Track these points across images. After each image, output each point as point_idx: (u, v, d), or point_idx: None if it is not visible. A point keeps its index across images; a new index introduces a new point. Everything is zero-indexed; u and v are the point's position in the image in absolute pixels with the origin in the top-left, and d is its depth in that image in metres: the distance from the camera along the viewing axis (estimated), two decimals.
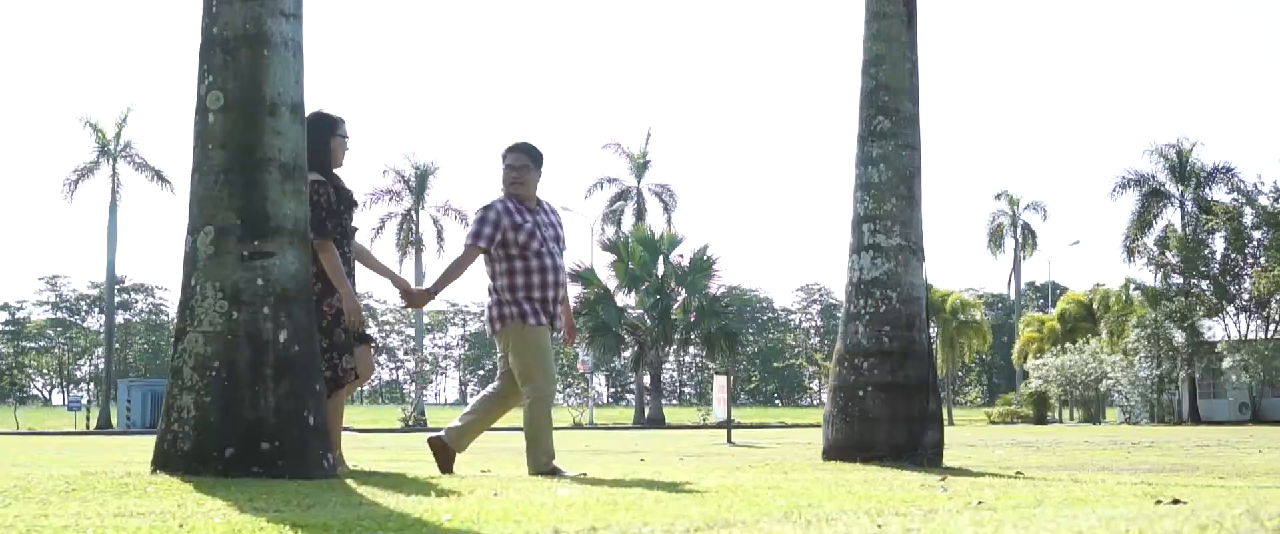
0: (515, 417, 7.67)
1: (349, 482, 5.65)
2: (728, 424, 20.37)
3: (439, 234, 54.38)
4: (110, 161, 49.24)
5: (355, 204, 6.98)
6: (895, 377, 9.31)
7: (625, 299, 50.17)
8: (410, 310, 66.95)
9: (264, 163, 5.92)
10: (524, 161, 7.45)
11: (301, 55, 6.16)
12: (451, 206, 54.48)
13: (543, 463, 7.30)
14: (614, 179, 56.47)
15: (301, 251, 6.04)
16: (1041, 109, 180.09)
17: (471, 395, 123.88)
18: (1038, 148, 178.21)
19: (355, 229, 7.08)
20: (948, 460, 11.70)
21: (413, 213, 54.44)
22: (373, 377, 7.10)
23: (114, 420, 44.26)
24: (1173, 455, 13.72)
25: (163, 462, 5.80)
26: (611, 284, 49.41)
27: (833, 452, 9.39)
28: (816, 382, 62.35)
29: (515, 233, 7.28)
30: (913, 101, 9.67)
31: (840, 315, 9.85)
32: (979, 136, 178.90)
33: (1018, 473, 8.88)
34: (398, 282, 7.46)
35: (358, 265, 7.14)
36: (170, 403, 5.85)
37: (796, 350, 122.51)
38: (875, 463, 8.87)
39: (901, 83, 9.62)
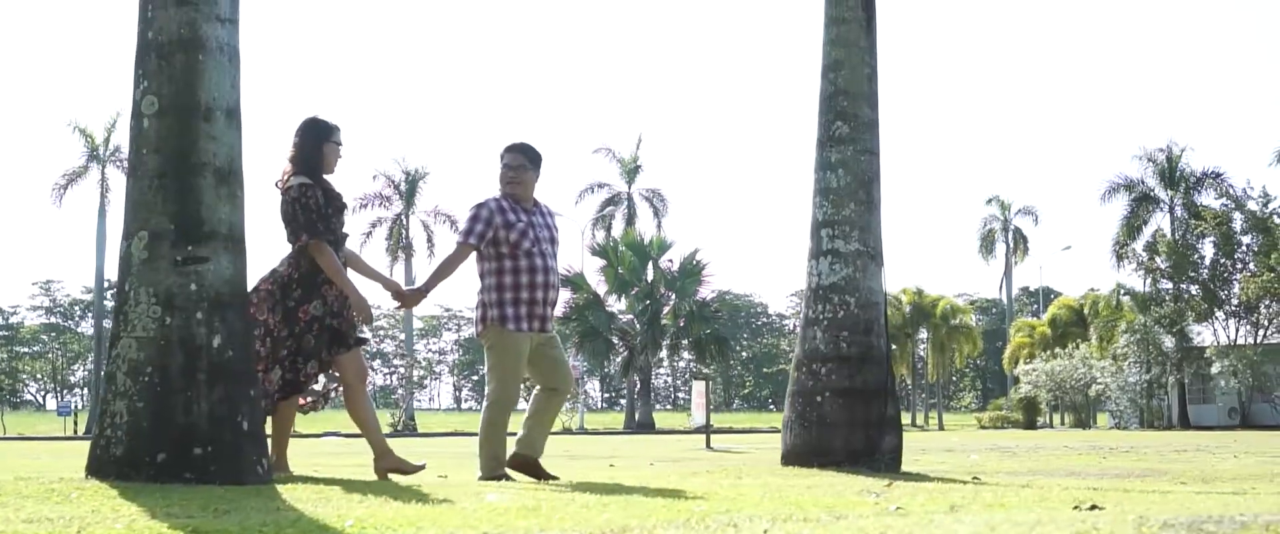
0: (513, 423, 7.62)
1: (279, 488, 5.64)
2: (707, 429, 20.38)
3: (429, 239, 54.39)
4: (99, 166, 49.25)
5: (344, 207, 6.99)
6: (853, 382, 9.31)
7: (615, 304, 50.18)
8: (402, 314, 67.06)
9: (198, 168, 5.92)
10: (521, 161, 7.47)
11: (238, 60, 6.15)
12: (442, 211, 54.51)
13: (489, 468, 7.28)
14: (604, 184, 56.53)
15: (236, 256, 6.03)
16: (1033, 114, 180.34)
17: (466, 400, 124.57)
18: (1030, 153, 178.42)
19: (346, 235, 7.09)
20: (920, 466, 11.71)
21: (403, 218, 54.44)
22: (366, 381, 7.13)
23: None
24: (1147, 461, 13.71)
25: (96, 467, 5.80)
26: (601, 289, 49.42)
27: (792, 457, 9.38)
28: None
29: (507, 231, 7.27)
30: (871, 107, 9.68)
31: (799, 321, 9.85)
32: (971, 141, 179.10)
33: (975, 478, 8.87)
34: (388, 284, 7.43)
35: (349, 271, 7.13)
36: (104, 408, 5.85)
37: (790, 355, 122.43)
38: (832, 468, 8.87)
39: (860, 88, 9.62)
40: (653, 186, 57.30)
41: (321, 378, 6.99)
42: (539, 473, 7.44)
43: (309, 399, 7.04)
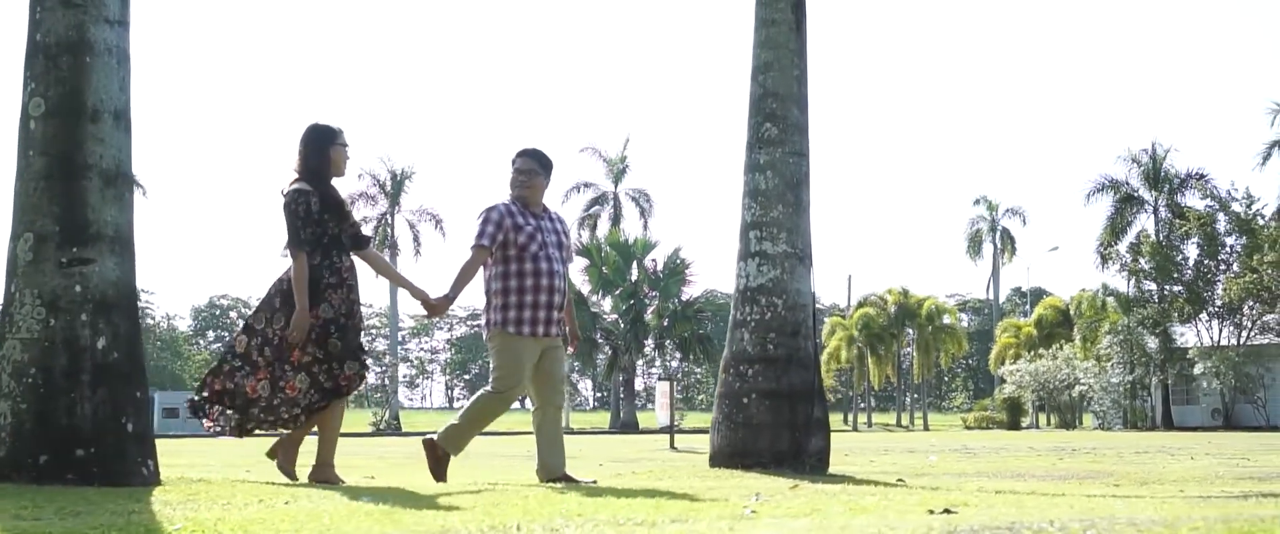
0: (509, 423, 7.64)
1: (158, 490, 5.64)
2: (671, 430, 20.45)
3: (415, 238, 54.41)
4: None
5: (346, 214, 6.94)
6: (779, 384, 9.31)
7: (600, 304, 50.20)
8: (390, 314, 67.00)
9: (84, 169, 5.92)
10: (532, 166, 7.53)
11: (128, 62, 6.15)
12: (428, 211, 54.51)
13: (447, 441, 7.41)
14: (591, 184, 56.50)
15: (124, 259, 6.04)
16: (1022, 115, 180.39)
17: (458, 400, 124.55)
18: (1018, 154, 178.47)
19: (368, 237, 7.08)
20: (858, 467, 11.73)
21: (389, 217, 54.44)
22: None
23: None
24: (1102, 463, 13.74)
25: None
26: (585, 289, 49.43)
27: (719, 458, 9.38)
28: None
29: (515, 235, 7.29)
30: (800, 108, 9.68)
31: (728, 322, 9.86)
32: (959, 142, 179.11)
33: (899, 480, 8.87)
34: (417, 293, 7.33)
35: (374, 275, 7.12)
36: None
37: None
38: (758, 470, 8.87)
39: (789, 90, 9.62)
40: (639, 187, 57.33)
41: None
42: (569, 478, 7.50)
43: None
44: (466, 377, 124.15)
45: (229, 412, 6.65)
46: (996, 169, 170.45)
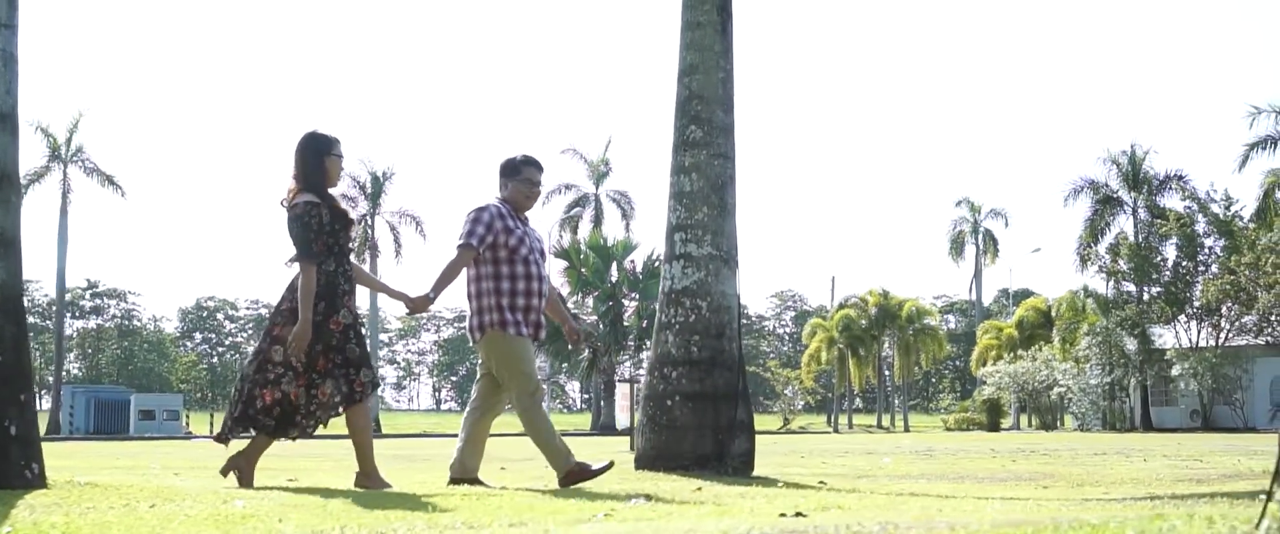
0: (498, 424, 7.63)
1: (40, 493, 5.63)
2: (631, 431, 20.39)
3: (396, 240, 54.37)
4: (61, 166, 49.14)
5: (351, 222, 7.00)
6: (703, 386, 9.31)
7: (579, 306, 50.16)
8: (369, 318, 66.96)
9: None
10: (540, 178, 7.64)
11: (15, 65, 6.14)
12: (408, 212, 54.49)
13: (565, 462, 7.35)
14: (572, 185, 56.51)
15: (9, 260, 6.02)
16: (1005, 116, 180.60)
17: (445, 401, 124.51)
18: (1001, 155, 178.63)
19: (352, 249, 7.10)
20: (793, 469, 11.71)
21: (369, 219, 54.41)
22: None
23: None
24: (1053, 465, 13.74)
25: None
26: (565, 291, 49.42)
27: (643, 461, 9.38)
28: (790, 388, 62.43)
29: (506, 237, 7.30)
30: (726, 110, 9.69)
31: (654, 325, 9.86)
32: (941, 144, 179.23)
33: (820, 482, 8.88)
34: (397, 294, 7.38)
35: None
36: None
37: (771, 356, 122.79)
38: (680, 472, 8.87)
39: (714, 92, 9.63)
40: (621, 189, 57.34)
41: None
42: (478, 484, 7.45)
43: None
44: (454, 379, 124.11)
45: (269, 422, 6.78)
46: (979, 171, 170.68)
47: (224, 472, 7.06)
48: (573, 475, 7.39)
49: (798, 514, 4.65)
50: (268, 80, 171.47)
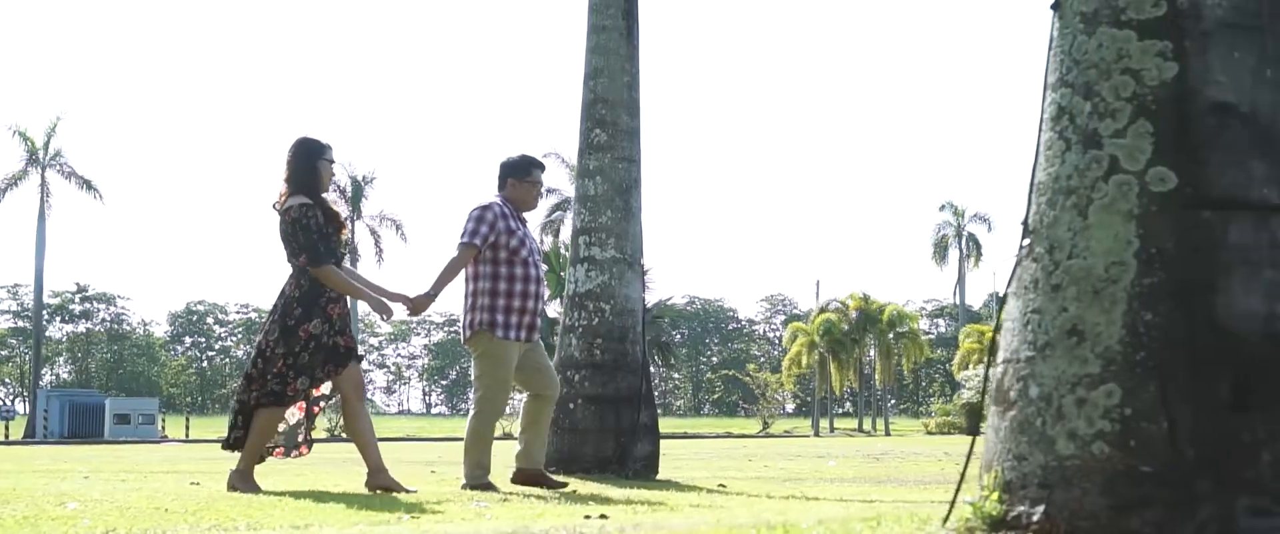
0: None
1: None
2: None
3: (377, 243, 54.40)
4: (39, 170, 49.07)
5: (343, 225, 7.00)
6: (606, 389, 9.33)
7: (558, 310, 50.21)
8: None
9: None
10: (542, 179, 7.66)
11: None
12: (389, 216, 54.50)
13: (473, 476, 7.22)
14: (554, 189, 56.44)
15: None
16: (989, 120, 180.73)
17: (435, 406, 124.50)
18: (985, 159, 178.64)
19: (344, 252, 7.10)
20: (702, 472, 11.68)
21: (350, 222, 54.38)
22: (364, 396, 7.17)
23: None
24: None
25: None
26: (545, 295, 49.44)
27: (546, 466, 9.37)
28: (767, 392, 62.40)
29: (507, 237, 7.27)
30: (631, 114, 9.71)
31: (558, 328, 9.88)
32: (925, 148, 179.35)
33: (720, 485, 8.88)
34: (394, 296, 7.26)
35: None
36: None
37: (762, 360, 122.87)
38: (580, 475, 8.88)
39: (619, 96, 9.65)
40: None
41: (324, 389, 6.92)
42: (544, 482, 7.46)
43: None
44: (444, 382, 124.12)
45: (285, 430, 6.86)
46: (963, 175, 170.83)
47: (230, 488, 6.85)
48: (536, 479, 7.47)
49: (602, 517, 4.66)
50: (252, 85, 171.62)
